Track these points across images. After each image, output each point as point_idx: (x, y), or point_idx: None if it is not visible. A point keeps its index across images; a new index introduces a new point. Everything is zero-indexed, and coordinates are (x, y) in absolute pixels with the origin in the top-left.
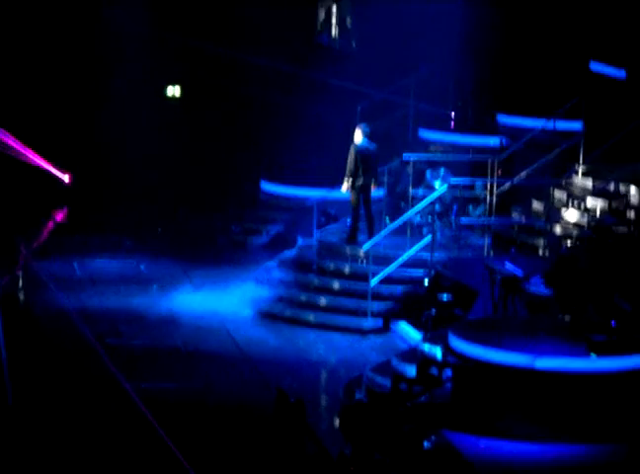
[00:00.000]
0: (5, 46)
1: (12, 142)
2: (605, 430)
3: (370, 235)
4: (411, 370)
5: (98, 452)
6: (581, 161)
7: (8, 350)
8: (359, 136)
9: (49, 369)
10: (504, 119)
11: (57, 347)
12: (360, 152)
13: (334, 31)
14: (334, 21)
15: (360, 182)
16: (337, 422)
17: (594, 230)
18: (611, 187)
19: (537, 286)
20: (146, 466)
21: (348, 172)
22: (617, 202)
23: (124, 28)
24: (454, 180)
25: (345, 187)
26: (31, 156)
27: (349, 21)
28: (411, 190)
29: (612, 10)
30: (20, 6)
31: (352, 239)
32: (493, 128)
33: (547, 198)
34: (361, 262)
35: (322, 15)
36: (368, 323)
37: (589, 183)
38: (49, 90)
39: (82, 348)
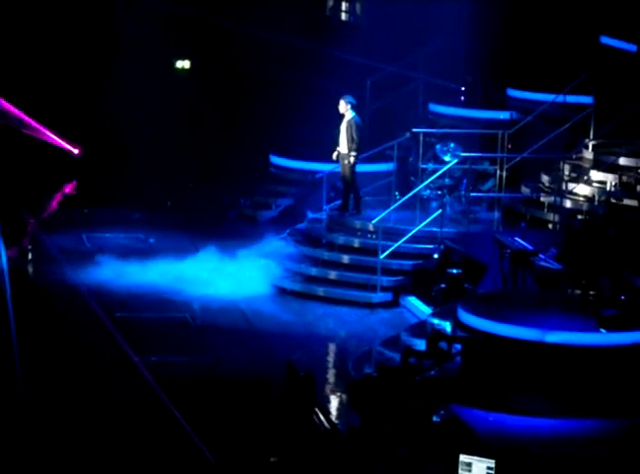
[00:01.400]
0: (15, 20)
1: (22, 115)
2: (615, 404)
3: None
4: (420, 344)
5: (108, 427)
6: (591, 135)
7: (17, 322)
8: (347, 108)
9: (58, 343)
10: (514, 94)
11: (66, 320)
12: (359, 124)
13: (343, 15)
14: (344, 7)
15: (357, 153)
16: (346, 396)
17: (606, 206)
18: (621, 161)
19: (547, 261)
20: (156, 440)
21: (359, 145)
22: (627, 177)
23: (134, 1)
24: (464, 154)
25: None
26: (41, 129)
27: (359, 7)
28: (420, 164)
29: None
30: None
31: (358, 210)
32: (503, 103)
33: (557, 173)
34: (371, 236)
35: (331, 1)
36: (378, 297)
37: (599, 157)
38: (59, 63)
39: (91, 321)
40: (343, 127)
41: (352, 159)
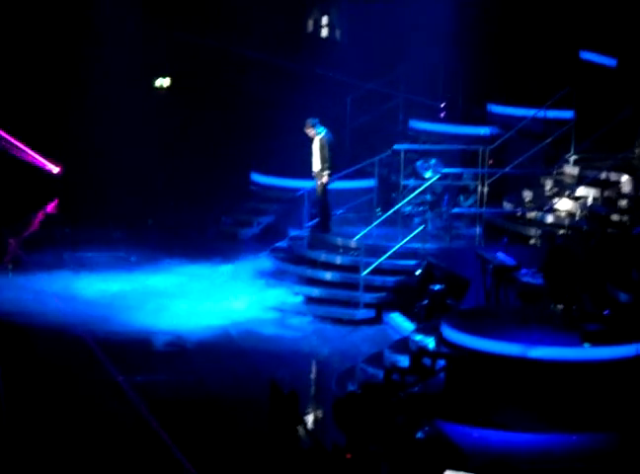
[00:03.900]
0: None
1: (1, 134)
2: (598, 418)
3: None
4: (404, 361)
5: (92, 447)
6: (572, 150)
7: None
8: (314, 130)
9: (40, 363)
10: (495, 109)
11: (48, 340)
12: (330, 141)
13: (324, 33)
14: (324, 33)
15: (330, 172)
16: (330, 413)
17: (589, 220)
18: (603, 175)
19: (530, 276)
20: (141, 461)
21: (331, 163)
22: (609, 191)
23: (114, 21)
24: (445, 170)
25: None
26: (21, 148)
27: (338, 33)
28: (402, 180)
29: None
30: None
31: (326, 229)
32: (483, 118)
33: (539, 188)
34: (353, 253)
35: (311, 26)
36: (361, 314)
37: (580, 172)
38: (40, 83)
39: (73, 340)
40: (315, 147)
41: (324, 178)
